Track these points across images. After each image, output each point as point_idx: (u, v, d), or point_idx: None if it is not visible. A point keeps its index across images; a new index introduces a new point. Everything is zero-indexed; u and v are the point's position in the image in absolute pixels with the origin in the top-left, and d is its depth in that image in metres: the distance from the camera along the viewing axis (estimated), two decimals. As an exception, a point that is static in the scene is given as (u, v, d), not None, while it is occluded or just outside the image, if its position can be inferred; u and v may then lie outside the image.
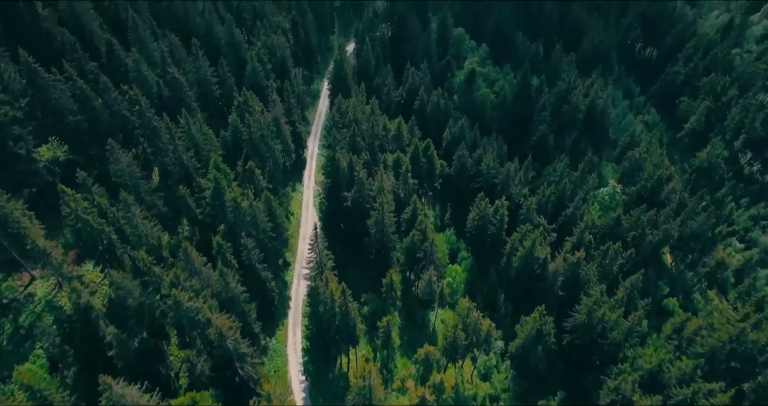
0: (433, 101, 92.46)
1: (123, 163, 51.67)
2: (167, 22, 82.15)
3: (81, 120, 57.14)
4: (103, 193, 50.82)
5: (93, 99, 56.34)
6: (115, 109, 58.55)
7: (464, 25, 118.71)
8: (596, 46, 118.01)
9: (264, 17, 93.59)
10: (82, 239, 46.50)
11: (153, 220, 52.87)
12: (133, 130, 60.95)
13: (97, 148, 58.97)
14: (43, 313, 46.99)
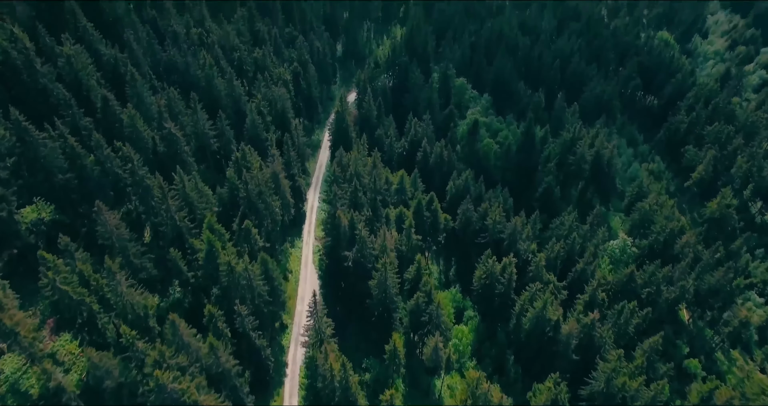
0: (436, 153, 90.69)
1: (111, 225, 48.72)
2: (167, 75, 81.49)
3: (71, 178, 54.70)
4: (87, 258, 47.63)
5: (84, 157, 54.08)
6: (107, 166, 56.23)
7: (466, 75, 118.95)
8: (598, 96, 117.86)
9: (265, 69, 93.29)
10: (59, 310, 42.83)
11: (140, 286, 49.36)
12: (125, 187, 58.43)
13: (86, 206, 56.21)
14: (7, 395, 42.50)
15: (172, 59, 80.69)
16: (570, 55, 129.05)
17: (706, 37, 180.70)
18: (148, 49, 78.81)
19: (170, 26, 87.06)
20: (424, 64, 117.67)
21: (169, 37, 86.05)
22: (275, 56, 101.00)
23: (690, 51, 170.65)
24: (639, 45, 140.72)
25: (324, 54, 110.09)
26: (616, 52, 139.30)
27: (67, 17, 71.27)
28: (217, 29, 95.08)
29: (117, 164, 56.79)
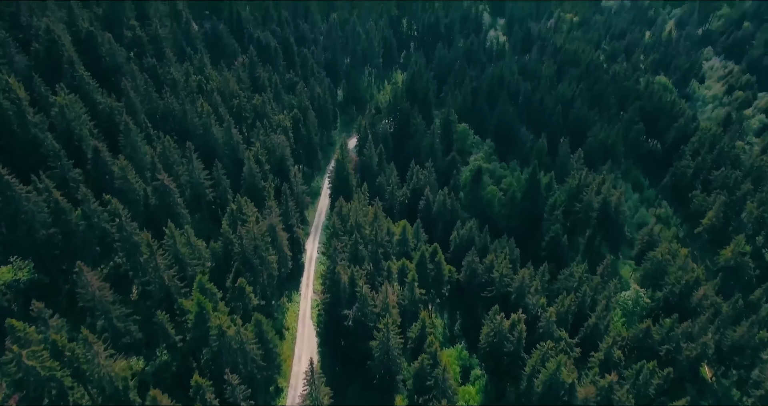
0: (439, 201, 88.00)
1: (93, 286, 45.22)
2: (164, 123, 79.89)
3: (54, 233, 51.64)
4: (63, 325, 43.88)
5: (69, 211, 51.20)
6: (94, 221, 53.26)
7: (468, 121, 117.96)
8: (602, 141, 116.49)
9: (265, 116, 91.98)
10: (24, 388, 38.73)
11: (122, 354, 45.34)
12: (112, 242, 55.23)
13: (69, 263, 52.83)
14: None
15: (169, 107, 79.29)
16: (571, 99, 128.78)
17: (703, 82, 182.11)
18: (146, 97, 77.45)
19: (169, 74, 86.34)
20: (425, 109, 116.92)
21: (168, 84, 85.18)
22: (275, 103, 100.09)
23: (688, 95, 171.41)
24: (639, 90, 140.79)
25: (325, 100, 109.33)
26: (616, 96, 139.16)
27: (64, 67, 70.23)
28: (216, 76, 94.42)
29: (105, 219, 53.84)
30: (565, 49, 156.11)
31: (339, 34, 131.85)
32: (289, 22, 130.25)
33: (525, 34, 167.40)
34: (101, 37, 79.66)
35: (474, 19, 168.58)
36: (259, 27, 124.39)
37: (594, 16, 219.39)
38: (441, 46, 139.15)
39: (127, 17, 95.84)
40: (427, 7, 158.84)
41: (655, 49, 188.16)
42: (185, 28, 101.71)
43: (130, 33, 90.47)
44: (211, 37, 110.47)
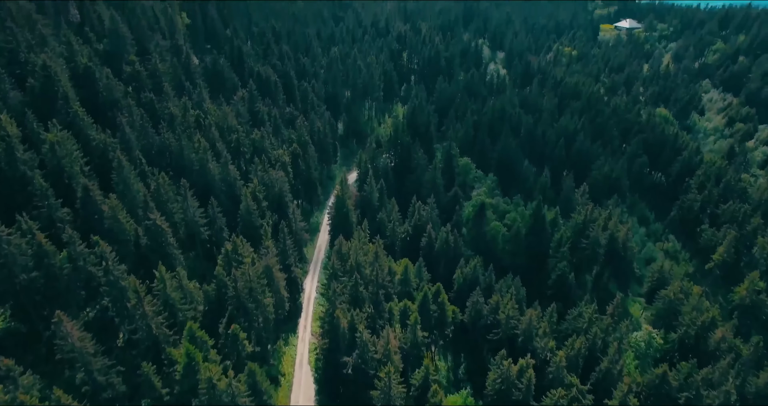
0: (441, 238, 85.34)
1: (73, 337, 42.10)
2: (160, 159, 78.03)
3: (36, 277, 48.77)
4: (35, 383, 40.51)
5: (52, 255, 48.50)
6: (80, 264, 50.50)
7: (470, 154, 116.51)
8: (606, 175, 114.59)
9: (263, 151, 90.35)
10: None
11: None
12: (98, 286, 52.26)
13: (51, 309, 49.69)
14: None
15: (165, 143, 77.61)
16: (574, 133, 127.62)
17: (703, 114, 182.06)
18: (141, 132, 75.81)
19: (167, 108, 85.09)
20: (426, 143, 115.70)
21: (165, 119, 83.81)
22: (274, 137, 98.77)
23: (689, 127, 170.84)
24: (641, 122, 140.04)
25: (324, 134, 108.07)
26: (618, 129, 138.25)
27: (59, 102, 68.84)
28: (215, 111, 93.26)
29: (91, 261, 51.08)
30: (566, 82, 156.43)
31: (340, 68, 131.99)
32: (290, 56, 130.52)
33: (525, 67, 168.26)
34: (99, 73, 78.67)
35: (474, 53, 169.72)
36: (260, 61, 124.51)
37: (592, 50, 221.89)
38: (442, 79, 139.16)
39: (128, 52, 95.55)
40: (427, 41, 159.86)
41: (654, 81, 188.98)
42: (185, 63, 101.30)
43: (129, 68, 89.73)
44: (211, 72, 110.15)
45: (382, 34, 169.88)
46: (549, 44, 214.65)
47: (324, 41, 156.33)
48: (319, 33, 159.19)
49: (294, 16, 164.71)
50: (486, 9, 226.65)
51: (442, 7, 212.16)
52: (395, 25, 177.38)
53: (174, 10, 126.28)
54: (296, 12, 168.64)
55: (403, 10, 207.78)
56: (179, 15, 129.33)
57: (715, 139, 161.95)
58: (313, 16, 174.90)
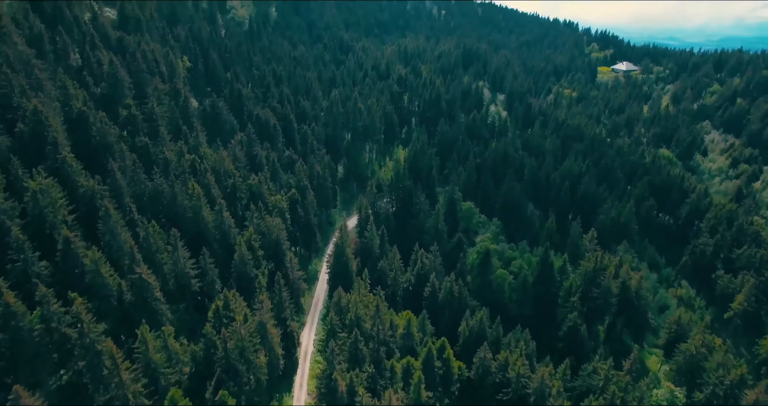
0: (445, 288, 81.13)
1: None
2: (152, 206, 74.80)
3: (2, 340, 44.43)
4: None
5: (20, 317, 44.36)
6: (53, 325, 46.28)
7: (473, 199, 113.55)
8: (614, 219, 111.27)
9: (260, 197, 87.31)
10: None
11: None
12: (72, 349, 47.82)
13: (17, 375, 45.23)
14: None
15: (158, 189, 74.56)
16: (579, 175, 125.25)
17: (706, 155, 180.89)
18: (133, 178, 72.91)
19: (162, 153, 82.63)
20: (428, 186, 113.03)
21: (159, 164, 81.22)
22: (272, 182, 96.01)
23: (693, 168, 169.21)
24: (646, 164, 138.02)
25: (324, 178, 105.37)
26: (623, 171, 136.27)
27: (48, 148, 66.29)
28: (212, 155, 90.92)
29: (66, 321, 46.86)
30: (568, 123, 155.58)
31: (340, 110, 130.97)
32: (290, 99, 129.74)
33: (526, 109, 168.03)
34: (93, 117, 76.59)
35: (475, 95, 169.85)
36: (259, 104, 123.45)
37: (591, 92, 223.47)
38: (443, 121, 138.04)
39: (125, 96, 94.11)
40: (428, 84, 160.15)
41: (655, 123, 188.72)
42: (183, 106, 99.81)
43: (125, 111, 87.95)
44: (209, 115, 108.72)
45: (382, 76, 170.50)
46: (549, 86, 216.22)
47: (325, 84, 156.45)
48: (319, 76, 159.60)
49: (295, 60, 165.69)
50: (485, 52, 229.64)
51: (441, 50, 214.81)
52: (396, 68, 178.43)
53: (176, 54, 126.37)
54: (297, 56, 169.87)
55: (404, 54, 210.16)
56: (180, 59, 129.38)
57: (721, 180, 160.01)
58: (314, 60, 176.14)
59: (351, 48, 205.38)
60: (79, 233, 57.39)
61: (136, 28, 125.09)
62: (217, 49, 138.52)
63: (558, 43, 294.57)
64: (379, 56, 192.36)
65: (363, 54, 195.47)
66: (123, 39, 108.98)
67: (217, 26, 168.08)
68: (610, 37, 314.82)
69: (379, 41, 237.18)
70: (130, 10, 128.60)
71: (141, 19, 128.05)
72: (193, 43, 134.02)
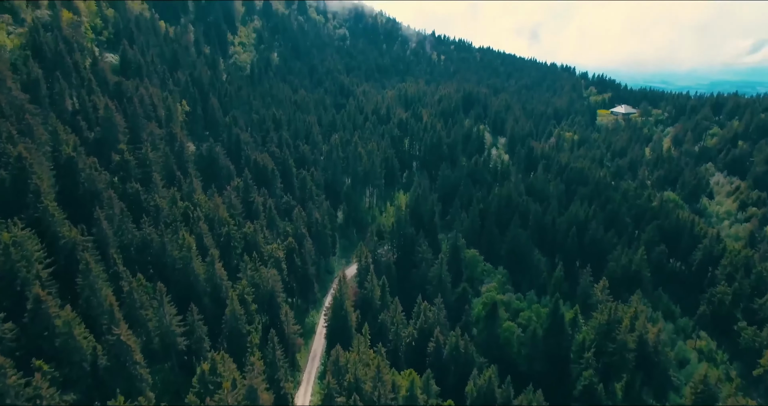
0: (451, 344, 75.74)
1: None
2: (139, 257, 70.63)
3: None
4: None
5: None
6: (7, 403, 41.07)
7: (477, 246, 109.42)
8: (625, 266, 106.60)
9: (255, 247, 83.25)
10: None
11: None
12: (37, 426, 42.50)
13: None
14: None
15: (146, 239, 70.60)
16: (585, 220, 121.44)
17: (712, 197, 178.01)
18: (120, 227, 69.08)
19: (153, 200, 79.21)
20: (431, 233, 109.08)
21: (150, 212, 77.65)
22: (269, 230, 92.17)
23: (699, 211, 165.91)
24: (654, 208, 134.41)
25: (323, 225, 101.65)
26: (630, 215, 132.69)
27: (29, 196, 62.83)
28: (206, 202, 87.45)
29: (27, 395, 41.73)
30: (571, 167, 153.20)
31: (340, 155, 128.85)
32: (290, 144, 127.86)
33: (528, 152, 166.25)
34: (83, 163, 73.64)
35: (476, 139, 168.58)
36: (258, 148, 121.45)
37: (592, 135, 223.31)
38: (445, 166, 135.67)
39: (119, 141, 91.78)
40: (428, 128, 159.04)
41: (658, 165, 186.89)
42: (178, 151, 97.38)
43: (118, 157, 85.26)
44: (206, 160, 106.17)
45: (383, 120, 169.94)
46: (550, 129, 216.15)
47: (325, 128, 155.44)
48: (320, 120, 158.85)
49: (295, 104, 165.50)
50: (485, 96, 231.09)
51: (442, 95, 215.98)
52: (396, 112, 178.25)
53: (174, 98, 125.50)
54: (298, 100, 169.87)
55: (404, 98, 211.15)
56: (179, 103, 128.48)
57: (731, 224, 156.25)
58: (314, 104, 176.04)
59: (352, 92, 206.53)
60: (55, 289, 53.03)
61: (136, 73, 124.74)
62: (217, 93, 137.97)
63: (556, 87, 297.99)
64: (380, 100, 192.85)
65: (363, 98, 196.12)
66: (121, 83, 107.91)
67: (219, 71, 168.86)
68: (607, 81, 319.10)
69: (379, 85, 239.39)
70: (132, 55, 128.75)
71: (142, 64, 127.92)
72: (193, 88, 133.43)
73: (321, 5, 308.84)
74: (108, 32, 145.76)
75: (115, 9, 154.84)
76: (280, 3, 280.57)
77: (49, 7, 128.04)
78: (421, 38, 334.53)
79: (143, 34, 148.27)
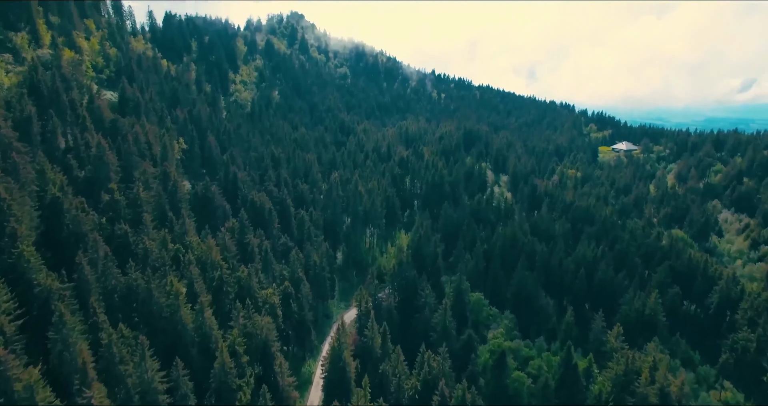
0: (457, 397, 69.79)
1: None
2: (123, 304, 65.97)
3: None
4: None
5: None
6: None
7: (482, 289, 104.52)
8: (639, 311, 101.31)
9: (249, 291, 78.63)
10: None
11: None
12: None
13: None
14: None
15: (132, 285, 66.12)
16: (594, 261, 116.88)
17: (721, 235, 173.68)
18: (103, 273, 64.77)
19: (142, 242, 75.14)
20: (433, 275, 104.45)
21: (139, 256, 73.47)
22: (264, 273, 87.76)
23: (709, 250, 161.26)
24: (664, 248, 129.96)
25: (321, 268, 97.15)
26: (639, 255, 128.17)
27: (5, 240, 58.88)
28: (198, 244, 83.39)
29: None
30: (576, 205, 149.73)
31: (340, 194, 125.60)
32: (288, 182, 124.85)
33: (531, 190, 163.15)
34: (69, 203, 70.11)
35: (478, 177, 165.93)
36: (255, 187, 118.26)
37: (594, 172, 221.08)
38: (447, 205, 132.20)
39: (111, 180, 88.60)
40: (430, 166, 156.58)
41: (664, 203, 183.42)
42: (172, 191, 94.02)
43: (107, 196, 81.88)
44: (201, 200, 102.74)
45: (384, 158, 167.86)
46: (552, 166, 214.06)
47: (325, 166, 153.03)
48: (319, 157, 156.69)
49: (295, 142, 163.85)
50: (486, 134, 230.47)
51: (442, 132, 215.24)
52: (397, 150, 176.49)
53: (172, 136, 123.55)
54: (298, 138, 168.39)
55: (405, 136, 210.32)
56: (177, 140, 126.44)
57: (744, 263, 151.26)
58: (315, 142, 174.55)
59: (352, 130, 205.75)
60: (21, 344, 48.27)
61: (134, 111, 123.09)
62: (215, 131, 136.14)
63: (557, 124, 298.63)
64: (381, 138, 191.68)
65: (364, 136, 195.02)
66: (117, 121, 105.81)
67: (219, 108, 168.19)
68: (607, 118, 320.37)
69: (380, 123, 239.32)
70: (131, 93, 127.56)
71: (140, 102, 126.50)
72: (191, 125, 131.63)
73: (323, 45, 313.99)
74: (109, 70, 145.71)
75: (118, 48, 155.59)
76: (282, 42, 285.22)
77: (51, 47, 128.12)
78: (422, 76, 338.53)
79: (143, 72, 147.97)
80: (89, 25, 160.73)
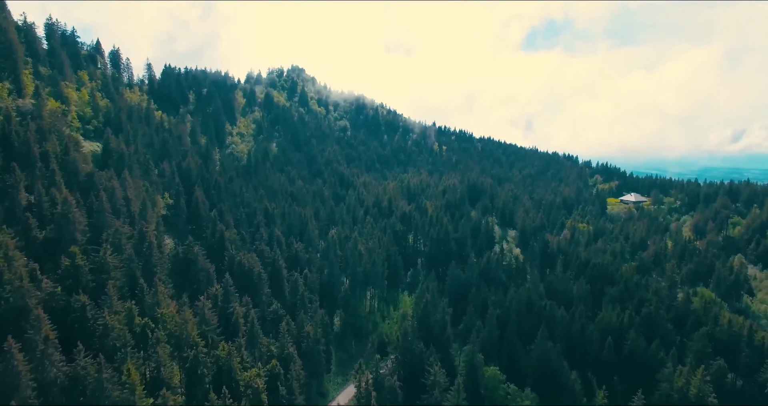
0: None
1: None
2: (65, 399, 53.59)
3: None
4: None
5: None
6: None
7: (497, 361, 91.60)
8: (682, 390, 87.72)
9: (230, 373, 66.16)
10: None
11: None
12: None
13: None
14: None
15: (78, 375, 54.07)
16: (621, 328, 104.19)
17: (753, 294, 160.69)
18: (41, 361, 52.93)
19: (101, 317, 63.64)
20: (442, 346, 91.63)
21: (97, 333, 61.83)
22: (248, 350, 75.33)
23: (742, 311, 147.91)
24: (697, 311, 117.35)
25: (316, 340, 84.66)
26: (668, 318, 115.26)
27: None
28: (173, 317, 71.64)
29: None
30: (593, 263, 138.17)
31: (338, 253, 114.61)
32: (281, 241, 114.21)
33: (543, 246, 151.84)
34: (11, 273, 59.23)
35: (485, 233, 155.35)
36: (245, 247, 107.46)
37: (605, 225, 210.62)
38: (454, 264, 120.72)
39: (76, 242, 78.11)
40: (434, 222, 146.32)
41: (685, 258, 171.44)
42: (147, 253, 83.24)
43: (68, 261, 71.06)
44: (182, 262, 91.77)
45: (385, 214, 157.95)
46: (561, 220, 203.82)
47: (322, 222, 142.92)
48: (317, 213, 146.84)
49: (291, 196, 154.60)
50: (491, 186, 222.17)
51: (446, 185, 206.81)
52: (399, 205, 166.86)
53: (156, 190, 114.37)
54: (294, 191, 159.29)
55: (407, 189, 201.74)
56: (162, 195, 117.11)
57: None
58: (312, 196, 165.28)
59: (352, 183, 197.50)
60: None
61: (118, 163, 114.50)
62: (205, 185, 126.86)
63: (562, 176, 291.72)
64: (381, 192, 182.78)
65: (364, 189, 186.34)
66: (93, 175, 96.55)
67: (212, 161, 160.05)
68: (612, 169, 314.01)
69: (380, 176, 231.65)
70: (115, 144, 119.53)
71: (124, 154, 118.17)
72: (179, 178, 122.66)
73: (323, 97, 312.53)
74: (97, 121, 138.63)
75: (110, 99, 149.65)
76: (282, 95, 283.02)
77: (34, 97, 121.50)
78: (422, 129, 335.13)
79: (133, 122, 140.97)
80: (82, 76, 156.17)
